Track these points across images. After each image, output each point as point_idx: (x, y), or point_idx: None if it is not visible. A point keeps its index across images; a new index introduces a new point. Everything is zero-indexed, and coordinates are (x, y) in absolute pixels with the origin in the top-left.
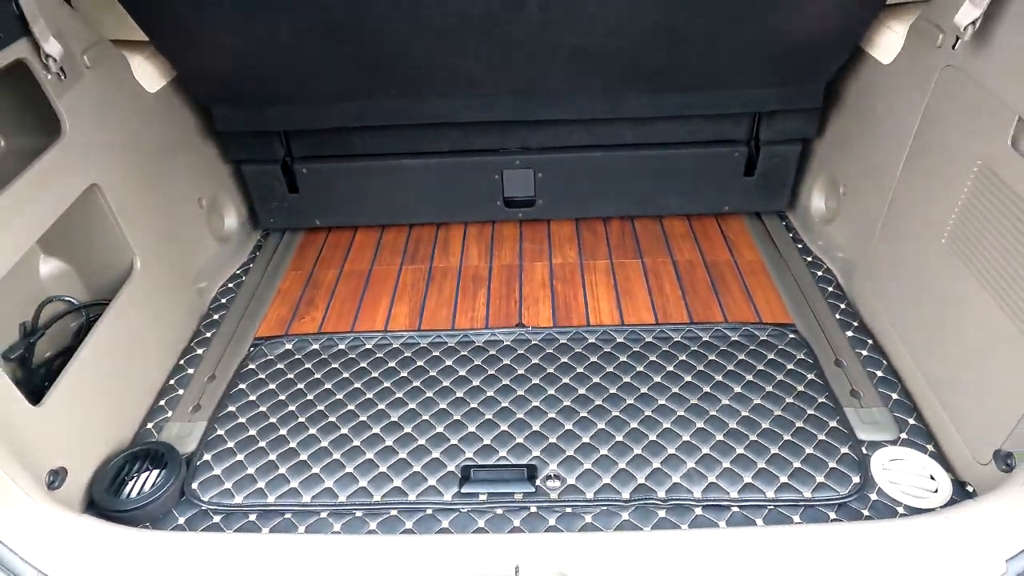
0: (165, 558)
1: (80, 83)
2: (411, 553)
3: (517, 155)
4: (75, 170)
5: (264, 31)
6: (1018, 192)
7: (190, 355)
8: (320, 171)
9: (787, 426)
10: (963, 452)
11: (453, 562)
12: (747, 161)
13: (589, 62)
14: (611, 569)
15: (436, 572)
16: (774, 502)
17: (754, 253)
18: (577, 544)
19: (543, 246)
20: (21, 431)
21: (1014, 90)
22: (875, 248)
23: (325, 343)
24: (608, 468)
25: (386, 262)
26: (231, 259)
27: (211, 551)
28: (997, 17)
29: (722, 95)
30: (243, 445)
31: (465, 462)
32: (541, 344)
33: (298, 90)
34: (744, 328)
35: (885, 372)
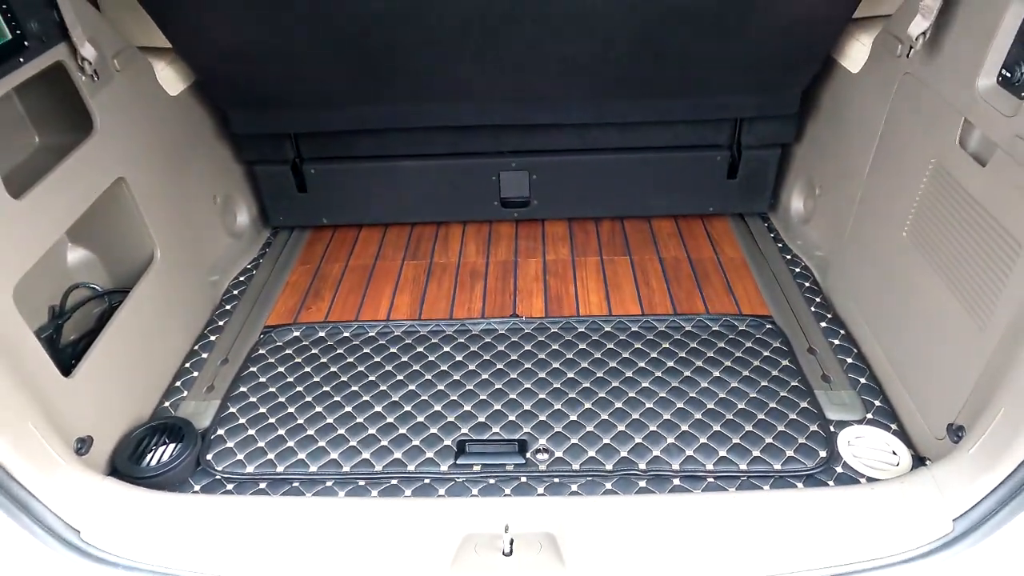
0: (183, 517)
1: (110, 85)
2: (410, 514)
3: (513, 158)
4: (104, 164)
5: (278, 40)
6: (964, 187)
7: (204, 341)
8: (327, 171)
9: (761, 406)
10: (922, 429)
11: (448, 522)
12: (730, 164)
13: (579, 71)
14: (593, 528)
15: (433, 531)
16: (746, 473)
17: (736, 251)
18: (561, 506)
19: (537, 244)
20: (54, 400)
21: (959, 93)
22: (846, 244)
23: (331, 331)
24: (593, 443)
25: (389, 257)
26: (243, 254)
27: (226, 511)
28: (944, 28)
29: (704, 102)
30: (254, 421)
31: (460, 437)
32: (533, 332)
33: (308, 95)
34: (724, 319)
35: (855, 359)
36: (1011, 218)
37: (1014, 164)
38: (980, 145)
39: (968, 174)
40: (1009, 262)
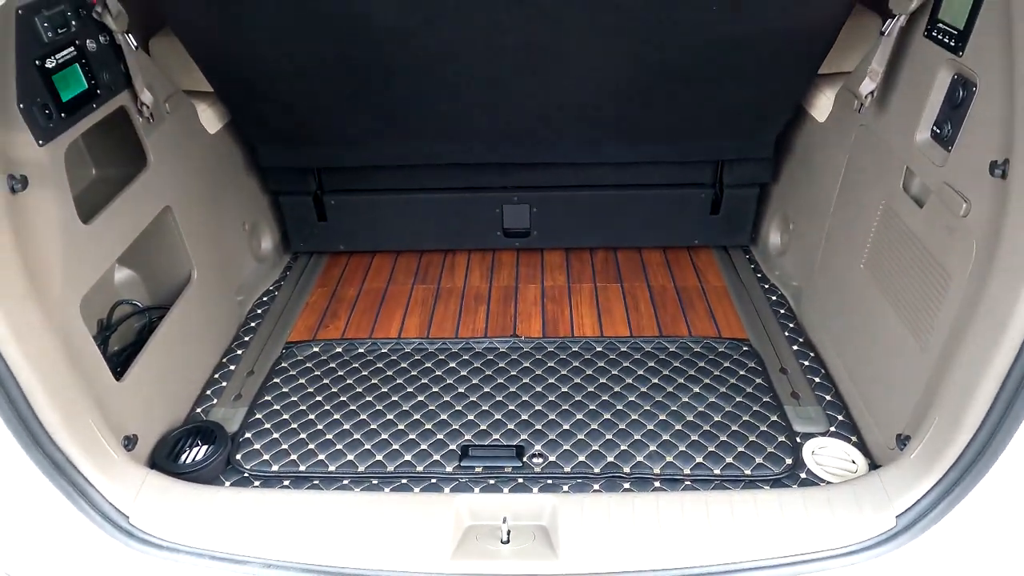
0: (219, 506)
1: (162, 125)
2: (419, 507)
3: (515, 192)
4: (155, 195)
5: (308, 86)
6: (907, 225)
7: (231, 355)
8: (346, 202)
9: (735, 419)
10: (877, 440)
11: (453, 515)
12: (713, 201)
13: (577, 116)
14: (580, 522)
15: (440, 522)
16: (720, 477)
17: (719, 280)
18: (553, 503)
19: (536, 271)
20: (107, 401)
21: (901, 145)
22: (816, 275)
23: (347, 347)
24: (583, 449)
25: (400, 282)
26: (266, 276)
27: (256, 502)
28: (889, 89)
29: (689, 145)
30: (278, 426)
31: (464, 442)
32: (532, 351)
33: (332, 134)
34: (705, 341)
35: (822, 379)
36: (942, 253)
37: (943, 207)
38: (919, 189)
39: (910, 214)
40: (942, 290)
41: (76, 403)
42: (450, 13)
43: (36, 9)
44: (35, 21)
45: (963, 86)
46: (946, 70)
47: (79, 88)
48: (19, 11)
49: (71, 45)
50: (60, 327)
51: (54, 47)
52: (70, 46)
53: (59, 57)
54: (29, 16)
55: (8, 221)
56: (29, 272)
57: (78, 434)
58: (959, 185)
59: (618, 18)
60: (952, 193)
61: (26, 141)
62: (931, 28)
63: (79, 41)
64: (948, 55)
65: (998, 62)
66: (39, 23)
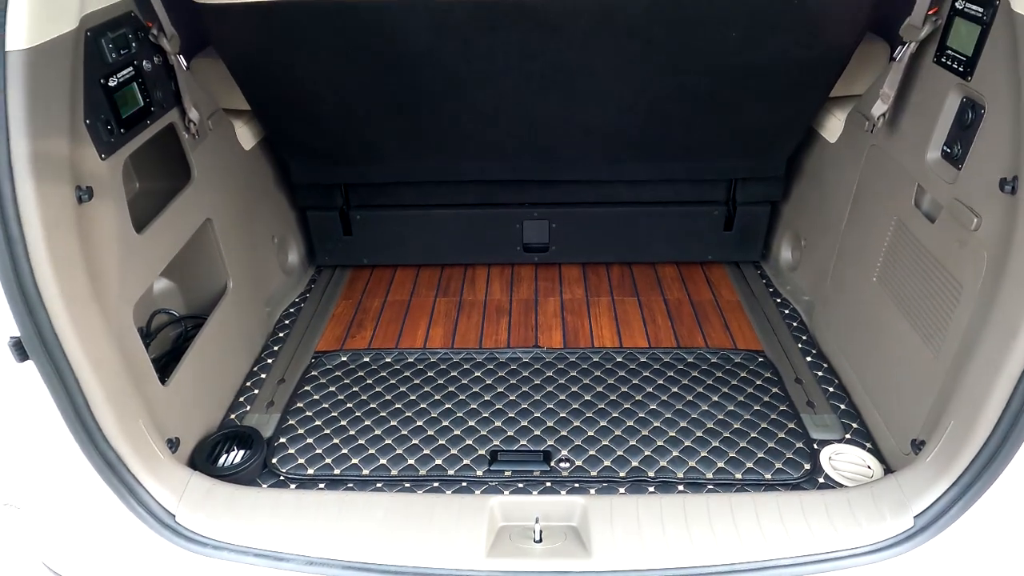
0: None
1: (205, 141)
2: (454, 508)
3: (535, 208)
4: (198, 208)
5: (339, 106)
6: (919, 239)
7: (262, 363)
8: (371, 218)
9: (753, 426)
10: (892, 446)
11: (487, 515)
12: (726, 218)
13: (595, 136)
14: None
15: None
16: (741, 481)
17: (733, 294)
18: (583, 504)
19: (555, 284)
20: (154, 404)
21: (913, 163)
22: (828, 289)
23: (374, 356)
24: (608, 454)
25: (423, 295)
26: (292, 288)
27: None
28: (900, 111)
29: (704, 164)
30: (311, 432)
31: (493, 447)
32: (554, 361)
33: (360, 152)
34: (721, 352)
35: (836, 388)
36: (954, 265)
37: (954, 221)
38: (930, 206)
39: (921, 229)
40: (954, 300)
41: (128, 405)
42: (482, 40)
43: (102, 32)
44: (101, 43)
45: (972, 108)
46: (955, 94)
47: (136, 105)
48: (88, 33)
49: (130, 65)
50: (116, 331)
51: (116, 67)
52: (129, 66)
53: (120, 76)
54: (96, 38)
55: (75, 229)
56: (91, 278)
57: (129, 435)
58: (970, 200)
59: (641, 45)
60: (963, 208)
61: (91, 155)
62: (940, 55)
63: (137, 61)
64: (957, 80)
65: (1005, 86)
66: (104, 45)
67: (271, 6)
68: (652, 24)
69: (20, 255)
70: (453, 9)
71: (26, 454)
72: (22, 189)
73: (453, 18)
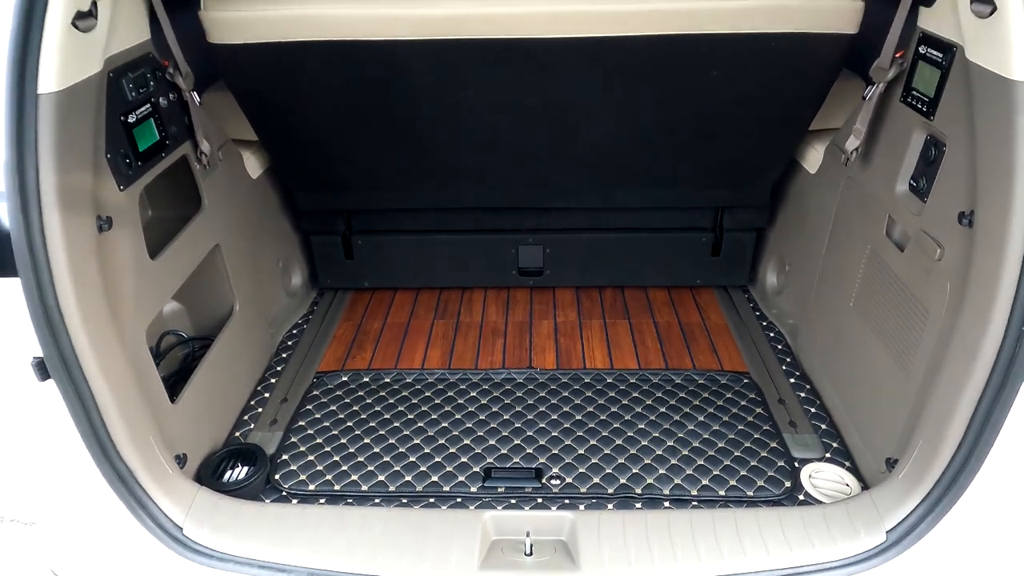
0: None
1: (215, 171)
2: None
3: (530, 234)
4: (208, 234)
5: (341, 137)
6: (890, 267)
7: (265, 383)
8: (372, 242)
9: (737, 445)
10: (870, 464)
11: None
12: (713, 244)
13: (587, 165)
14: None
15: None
16: (724, 498)
17: (720, 318)
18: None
19: (549, 308)
20: (163, 421)
21: (884, 195)
22: (810, 313)
23: (374, 377)
24: (597, 472)
25: (421, 317)
26: (295, 311)
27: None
28: (871, 146)
29: (691, 192)
30: (313, 449)
31: (487, 465)
32: (547, 382)
33: (362, 179)
34: (708, 374)
35: (818, 409)
36: (921, 292)
37: (920, 251)
38: (900, 235)
39: (892, 258)
40: (922, 325)
41: (140, 422)
42: (479, 76)
43: (123, 72)
44: (122, 82)
45: (935, 146)
46: (920, 131)
47: (152, 139)
48: (110, 74)
49: (148, 102)
50: (130, 352)
51: (135, 104)
52: (147, 103)
53: (138, 113)
54: (118, 78)
55: (96, 257)
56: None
57: (141, 451)
58: (934, 232)
59: (628, 83)
60: (928, 239)
61: (110, 186)
62: (906, 95)
63: (154, 98)
64: (921, 119)
65: (962, 127)
66: (125, 84)
67: (280, 45)
68: (638, 63)
69: (45, 282)
70: (452, 48)
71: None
72: (49, 220)
73: (452, 56)
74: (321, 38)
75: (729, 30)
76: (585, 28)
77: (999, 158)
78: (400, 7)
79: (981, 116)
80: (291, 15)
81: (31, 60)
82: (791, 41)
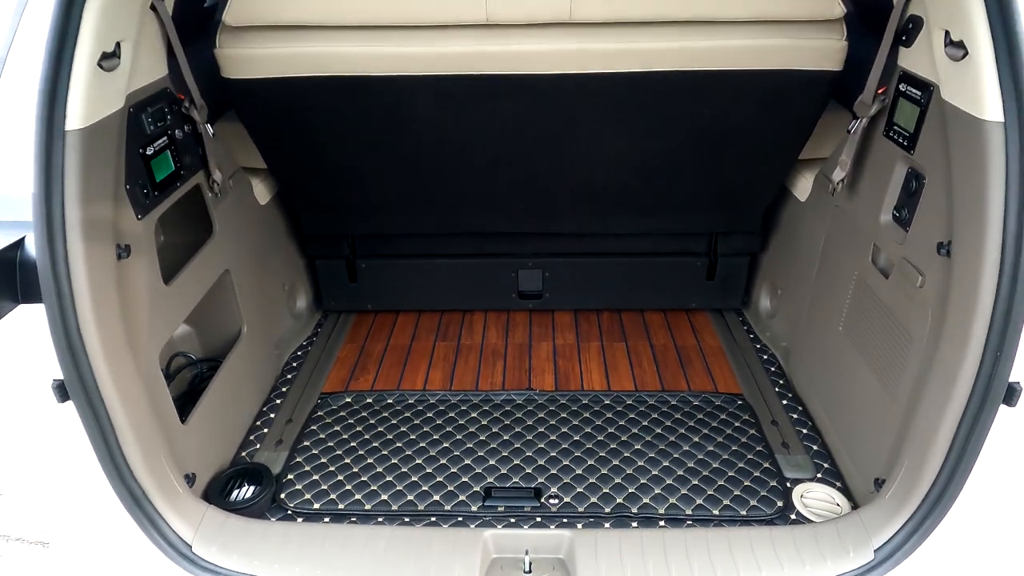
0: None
1: (226, 199)
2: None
3: (529, 259)
4: (219, 260)
5: (348, 165)
6: (876, 293)
7: (271, 404)
8: (375, 266)
9: (731, 466)
10: (859, 485)
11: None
12: (708, 269)
13: (584, 193)
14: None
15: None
16: (718, 517)
17: (715, 340)
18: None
19: (548, 330)
20: (174, 441)
21: (869, 225)
22: (802, 337)
23: (377, 398)
24: (595, 492)
25: (423, 339)
26: (300, 333)
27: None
28: (856, 177)
29: (687, 219)
30: (317, 469)
31: (487, 484)
32: (545, 403)
33: (367, 205)
34: (703, 395)
35: (810, 430)
36: (904, 317)
37: (904, 279)
38: (885, 263)
39: (878, 284)
40: (906, 349)
41: (153, 443)
42: (481, 108)
43: (143, 107)
44: (142, 117)
45: (916, 178)
46: (902, 164)
47: (168, 170)
48: (130, 109)
49: (165, 135)
50: (144, 375)
51: (153, 137)
52: (164, 135)
53: (156, 145)
54: (138, 113)
55: (115, 283)
56: (126, 326)
57: (153, 471)
58: (916, 261)
59: (624, 113)
60: (910, 268)
61: (129, 216)
62: (888, 129)
63: (171, 131)
64: (903, 152)
65: (940, 161)
66: (144, 119)
67: (290, 80)
68: (632, 98)
69: (68, 308)
70: (454, 81)
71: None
72: (73, 250)
73: (454, 89)
74: (330, 73)
75: (720, 67)
76: (581, 65)
77: (972, 192)
78: (406, 45)
79: (956, 152)
80: (301, 52)
81: (60, 99)
82: (779, 78)
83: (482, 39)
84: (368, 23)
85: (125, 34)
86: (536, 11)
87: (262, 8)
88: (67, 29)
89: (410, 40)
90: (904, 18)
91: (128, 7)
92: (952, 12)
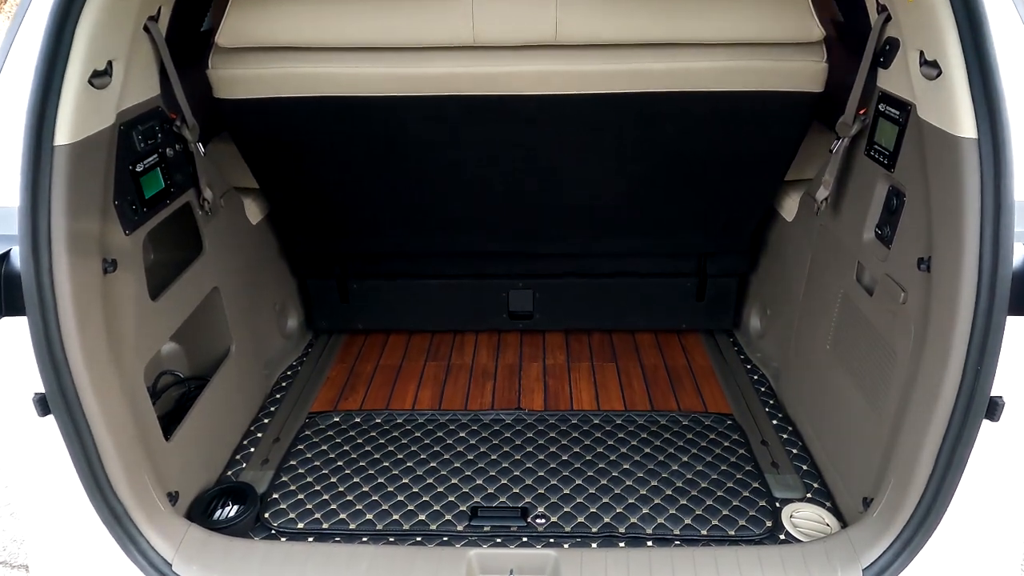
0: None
1: (216, 217)
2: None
3: (520, 279)
4: (207, 278)
5: (339, 186)
6: (861, 311)
7: (259, 423)
8: (366, 287)
9: (720, 485)
10: (848, 504)
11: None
12: (698, 289)
13: (576, 215)
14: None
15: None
16: (706, 537)
17: (705, 360)
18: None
19: (538, 350)
20: (157, 459)
21: (853, 243)
22: (791, 356)
23: (365, 417)
24: (582, 511)
25: (413, 359)
26: (290, 352)
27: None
28: (840, 196)
29: (675, 239)
30: (303, 488)
31: (473, 504)
32: (535, 423)
33: (358, 227)
34: (693, 415)
35: (799, 450)
36: (888, 334)
37: (887, 296)
38: (869, 280)
39: (862, 302)
40: (891, 366)
41: (136, 459)
42: (471, 130)
43: (134, 124)
44: (132, 135)
45: (896, 196)
46: (883, 183)
47: (158, 187)
48: (121, 127)
49: (155, 152)
50: (128, 391)
51: (143, 154)
52: (154, 153)
53: (146, 163)
54: (128, 130)
55: (100, 297)
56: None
57: (135, 488)
58: (898, 277)
59: (611, 138)
60: (893, 284)
61: (116, 231)
62: (869, 149)
63: (161, 149)
64: (883, 171)
65: (919, 178)
66: (135, 136)
67: (281, 101)
68: (619, 118)
69: (51, 320)
70: (445, 104)
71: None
72: (57, 262)
73: (445, 112)
74: (320, 94)
75: (704, 88)
76: (567, 86)
77: (949, 208)
78: (394, 66)
79: (932, 169)
80: (292, 73)
81: (49, 114)
82: (762, 99)
83: (469, 60)
84: (358, 44)
85: (117, 53)
86: (522, 33)
87: (254, 30)
88: (59, 46)
89: (398, 61)
90: (882, 40)
91: (121, 28)
92: (926, 32)
